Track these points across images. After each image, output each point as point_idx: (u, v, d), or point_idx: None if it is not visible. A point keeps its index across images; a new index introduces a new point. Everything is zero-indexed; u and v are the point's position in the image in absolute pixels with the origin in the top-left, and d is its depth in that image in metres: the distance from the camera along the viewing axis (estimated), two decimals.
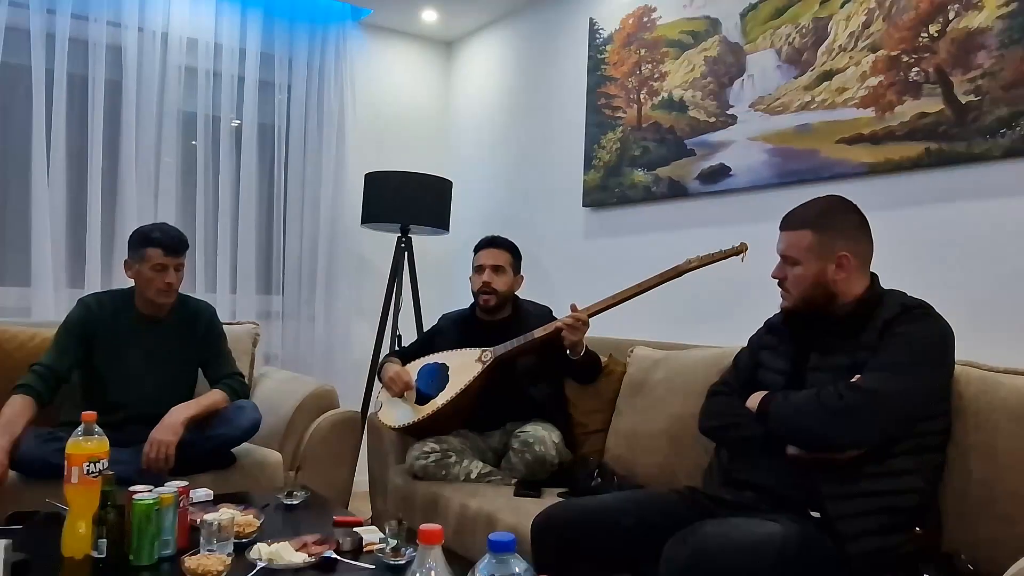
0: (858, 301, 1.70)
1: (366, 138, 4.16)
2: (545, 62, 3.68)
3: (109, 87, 3.42)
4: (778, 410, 1.64)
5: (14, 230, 3.24)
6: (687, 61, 2.89)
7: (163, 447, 2.24)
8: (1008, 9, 1.97)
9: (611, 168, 3.20)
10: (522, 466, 2.36)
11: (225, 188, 3.69)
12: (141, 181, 3.46)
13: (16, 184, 3.25)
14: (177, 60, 3.55)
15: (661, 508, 1.70)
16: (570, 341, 2.41)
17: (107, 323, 2.48)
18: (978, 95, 2.03)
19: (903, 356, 1.56)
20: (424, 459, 2.43)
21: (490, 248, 2.67)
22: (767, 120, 2.59)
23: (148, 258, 2.41)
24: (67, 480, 1.64)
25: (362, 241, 4.12)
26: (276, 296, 3.90)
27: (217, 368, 2.63)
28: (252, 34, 3.75)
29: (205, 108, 3.65)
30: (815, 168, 2.43)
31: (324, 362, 3.92)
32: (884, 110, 2.25)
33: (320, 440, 2.73)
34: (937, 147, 2.12)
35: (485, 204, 4.07)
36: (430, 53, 4.38)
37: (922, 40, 2.17)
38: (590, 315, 2.41)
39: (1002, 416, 1.58)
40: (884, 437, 1.54)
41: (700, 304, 2.83)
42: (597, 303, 2.43)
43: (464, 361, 2.53)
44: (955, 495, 1.61)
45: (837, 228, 1.72)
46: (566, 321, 2.39)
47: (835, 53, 2.39)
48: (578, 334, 2.40)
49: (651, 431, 2.32)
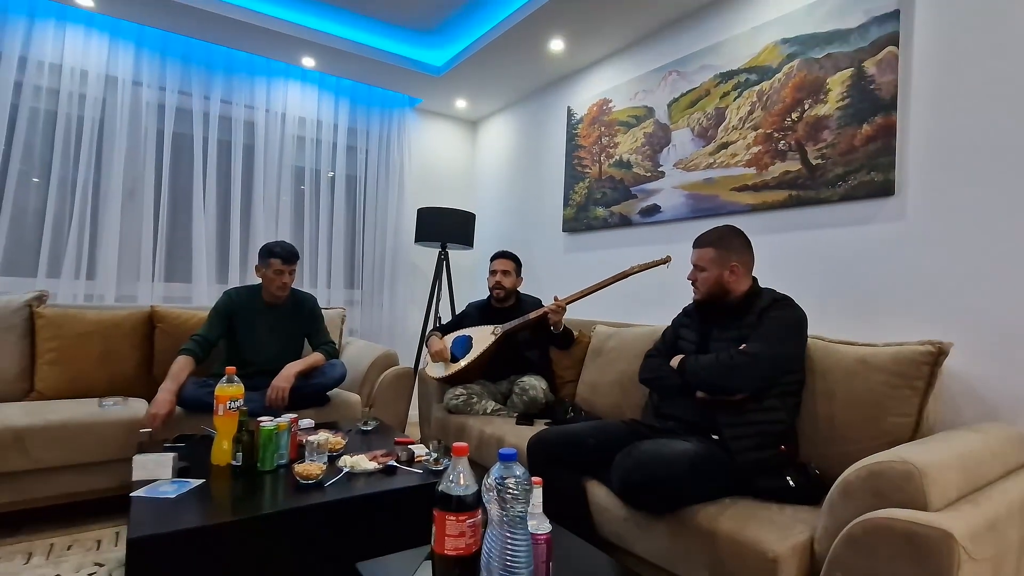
0: (745, 295, 1.72)
1: (418, 184, 4.16)
2: (538, 135, 3.68)
3: (245, 150, 3.43)
4: (691, 367, 1.66)
5: (181, 245, 3.26)
6: (632, 135, 2.88)
7: (280, 391, 2.26)
8: (843, 103, 1.98)
9: (581, 206, 3.20)
10: (521, 405, 2.37)
11: (323, 218, 3.69)
12: (267, 212, 3.48)
13: (183, 213, 3.26)
14: (292, 131, 3.56)
15: (613, 433, 1.72)
16: (553, 321, 2.42)
17: (242, 307, 2.49)
18: (824, 159, 2.03)
19: (773, 332, 1.58)
20: (456, 400, 2.45)
21: (500, 258, 2.67)
22: (685, 175, 2.58)
23: (271, 265, 2.43)
24: (216, 413, 1.66)
25: (415, 254, 4.13)
26: (357, 290, 3.90)
27: (317, 338, 2.63)
28: (342, 114, 3.76)
29: (310, 164, 3.66)
30: (716, 207, 2.43)
31: (388, 335, 3.92)
32: (762, 169, 2.25)
33: (386, 386, 2.73)
34: (797, 194, 2.12)
35: (497, 230, 4.08)
36: (461, 128, 4.39)
37: (787, 123, 2.16)
38: (567, 303, 2.42)
39: (837, 372, 1.59)
40: (760, 385, 1.56)
41: (640, 296, 2.84)
42: (571, 295, 2.44)
43: (483, 334, 2.54)
44: (809, 424, 1.62)
45: (730, 246, 1.73)
46: (551, 307, 2.39)
47: (729, 131, 2.38)
48: (558, 316, 2.41)
49: (607, 381, 2.32)
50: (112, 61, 3.01)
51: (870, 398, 1.50)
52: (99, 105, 2.98)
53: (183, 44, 3.19)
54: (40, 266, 2.83)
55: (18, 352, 2.36)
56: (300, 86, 3.58)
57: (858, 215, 1.96)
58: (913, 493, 1.06)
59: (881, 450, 1.42)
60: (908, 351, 1.47)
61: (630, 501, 1.46)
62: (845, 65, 1.98)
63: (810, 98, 2.09)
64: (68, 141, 2.90)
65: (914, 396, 1.44)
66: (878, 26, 1.89)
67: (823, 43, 2.05)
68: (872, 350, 1.56)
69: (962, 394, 1.64)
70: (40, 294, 2.49)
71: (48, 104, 2.88)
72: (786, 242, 2.19)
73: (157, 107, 3.15)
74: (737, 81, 2.36)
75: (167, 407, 2.07)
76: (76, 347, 2.42)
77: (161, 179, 3.15)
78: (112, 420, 2.08)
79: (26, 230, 2.85)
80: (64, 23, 2.88)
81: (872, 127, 1.89)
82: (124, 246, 3.06)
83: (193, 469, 1.60)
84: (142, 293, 3.09)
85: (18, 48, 2.77)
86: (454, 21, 3.14)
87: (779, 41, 2.20)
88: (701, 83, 2.52)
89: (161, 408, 2.05)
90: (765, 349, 1.54)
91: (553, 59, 3.20)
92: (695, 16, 2.62)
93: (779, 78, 2.20)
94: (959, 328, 1.68)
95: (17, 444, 1.91)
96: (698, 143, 2.53)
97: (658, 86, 2.74)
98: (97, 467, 2.07)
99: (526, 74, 3.42)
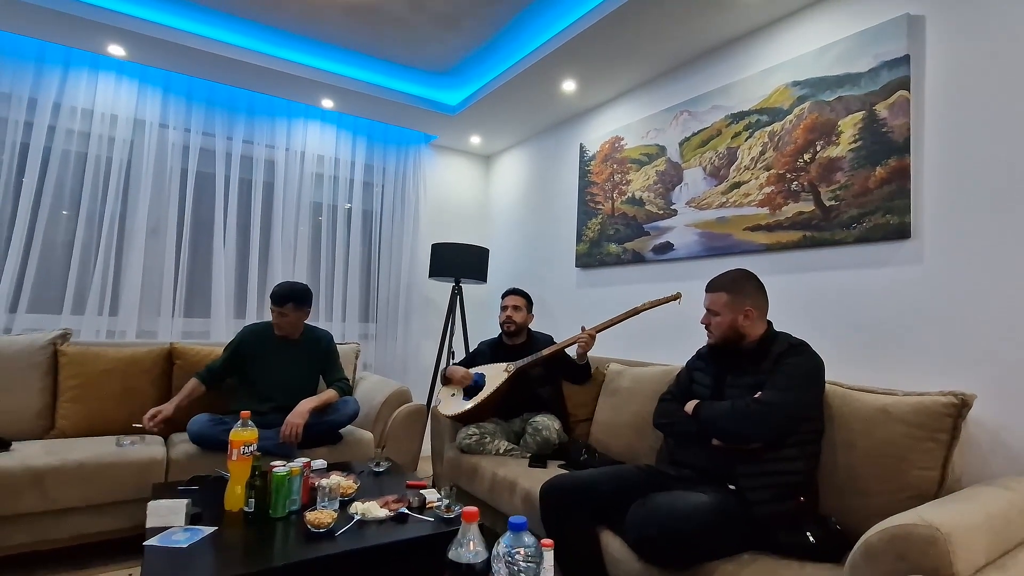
0: (759, 340, 1.70)
1: (432, 220, 4.21)
2: (551, 171, 3.72)
3: (265, 187, 3.51)
4: (705, 414, 1.64)
5: (201, 281, 3.31)
6: (644, 173, 2.90)
7: (294, 427, 2.27)
8: (856, 145, 1.98)
9: (594, 242, 3.20)
10: (534, 445, 2.34)
11: (340, 252, 3.74)
12: (284, 247, 3.54)
13: (203, 250, 3.33)
14: (310, 169, 3.64)
15: (627, 480, 1.69)
16: (581, 352, 2.43)
17: (256, 343, 2.54)
18: (837, 200, 2.02)
19: (788, 380, 1.55)
20: (468, 439, 2.42)
21: (511, 295, 2.68)
22: (697, 213, 2.58)
23: (271, 305, 2.49)
24: (229, 457, 1.66)
25: (429, 288, 4.15)
26: (372, 323, 3.92)
27: (331, 374, 2.64)
28: (359, 152, 3.83)
29: (328, 199, 3.73)
30: (730, 246, 2.41)
31: (402, 369, 3.91)
32: (775, 209, 2.24)
33: (399, 424, 2.71)
34: (811, 235, 2.11)
35: (511, 265, 4.09)
36: (475, 164, 4.44)
37: (799, 163, 2.16)
38: (598, 331, 2.42)
39: (857, 421, 1.55)
40: (776, 435, 1.52)
41: (652, 332, 2.82)
42: (599, 324, 2.42)
43: (495, 371, 2.53)
44: (829, 476, 1.58)
45: (744, 290, 1.72)
46: (582, 337, 2.40)
47: (742, 170, 2.39)
48: (588, 347, 2.42)
49: (621, 422, 2.29)
50: (141, 105, 3.13)
51: (892, 450, 1.45)
52: (127, 147, 3.09)
53: (208, 88, 3.31)
54: (66, 303, 2.90)
55: (41, 389, 2.40)
56: (319, 126, 3.68)
57: (874, 257, 1.93)
58: (938, 559, 1.02)
59: (905, 504, 1.39)
60: (930, 402, 1.43)
61: (645, 556, 1.42)
62: (856, 108, 1.98)
63: (822, 140, 2.09)
64: (97, 181, 3.01)
65: (938, 449, 1.39)
66: (888, 70, 1.90)
67: (834, 86, 2.06)
68: (893, 399, 1.52)
69: (988, 443, 1.59)
70: (64, 332, 2.55)
71: (79, 146, 2.99)
72: (800, 283, 2.16)
73: (182, 148, 3.25)
74: (748, 122, 2.38)
75: (168, 411, 2.30)
76: (97, 384, 2.46)
77: (183, 216, 3.23)
78: (129, 460, 2.10)
79: (53, 268, 2.93)
80: (97, 71, 3.01)
81: (886, 170, 1.88)
82: (146, 282, 3.13)
83: (206, 515, 1.61)
84: (162, 328, 3.14)
85: (53, 95, 2.90)
86: (468, 63, 3.22)
87: (790, 83, 2.22)
88: (712, 123, 2.54)
89: (163, 410, 2.28)
90: (781, 398, 1.51)
91: (565, 98, 3.25)
92: (704, 58, 2.65)
93: (790, 119, 2.21)
94: (982, 375, 1.63)
95: (36, 485, 1.93)
96: (710, 182, 2.53)
97: (669, 125, 2.77)
98: (112, 507, 2.08)
99: (539, 112, 3.47)
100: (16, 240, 2.77)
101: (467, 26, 2.83)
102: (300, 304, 2.53)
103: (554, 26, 2.72)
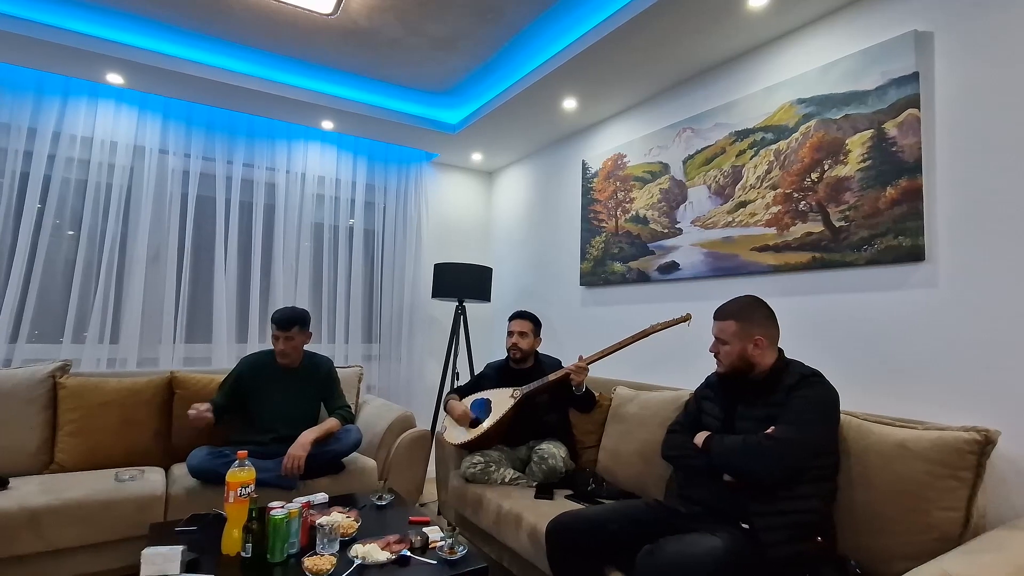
0: (770, 369, 1.64)
1: (435, 239, 4.18)
2: (553, 188, 3.68)
3: (266, 210, 3.49)
4: (716, 448, 1.58)
5: (202, 306, 3.29)
6: (648, 191, 2.85)
7: (296, 460, 2.24)
8: (865, 164, 1.93)
9: (598, 260, 3.16)
10: (540, 474, 2.28)
11: (342, 273, 3.71)
12: (286, 270, 3.51)
13: (204, 274, 3.31)
14: (311, 190, 3.61)
15: (636, 517, 1.64)
16: (576, 381, 2.36)
17: (256, 373, 2.50)
18: (847, 221, 1.97)
19: (802, 414, 1.49)
20: (473, 468, 2.37)
21: (518, 319, 2.62)
22: (703, 232, 2.53)
23: (272, 331, 2.44)
24: (226, 500, 1.63)
25: (432, 308, 4.11)
26: (375, 344, 3.88)
27: (332, 402, 2.60)
28: (360, 171, 3.81)
29: (329, 219, 3.70)
30: (736, 267, 2.36)
31: (407, 390, 3.87)
32: (782, 229, 2.19)
33: (403, 451, 2.67)
34: (820, 256, 2.05)
35: (515, 283, 4.05)
36: (477, 181, 4.41)
37: (806, 183, 2.12)
38: (589, 363, 2.36)
39: (874, 456, 1.50)
40: (789, 472, 1.46)
41: (659, 354, 2.77)
42: (594, 354, 2.37)
43: (502, 397, 2.48)
44: (846, 514, 1.52)
45: (753, 318, 1.67)
46: (573, 367, 2.34)
47: (747, 189, 2.34)
48: (581, 376, 2.35)
49: (628, 450, 2.23)
50: (140, 132, 3.12)
51: (912, 488, 1.39)
52: (127, 173, 3.08)
53: (207, 113, 3.30)
54: (66, 332, 2.88)
55: (40, 423, 2.37)
56: (319, 146, 3.66)
57: (886, 280, 1.88)
58: None
59: (928, 547, 1.33)
60: (951, 438, 1.37)
61: None
62: (864, 127, 1.94)
63: (829, 159, 2.04)
64: (97, 207, 2.99)
65: (961, 488, 1.33)
66: (896, 88, 1.85)
67: (840, 104, 2.02)
68: (912, 434, 1.46)
69: (1013, 480, 1.52)
70: (63, 364, 2.52)
71: (79, 174, 2.98)
72: (810, 305, 2.11)
73: (182, 173, 3.24)
74: (753, 140, 2.33)
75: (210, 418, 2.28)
76: (96, 417, 2.43)
77: (184, 241, 3.21)
78: (128, 497, 2.06)
79: (54, 297, 2.91)
80: (96, 99, 3.01)
81: (897, 190, 1.83)
82: (147, 309, 3.10)
83: (203, 560, 1.56)
84: (163, 355, 3.12)
85: (52, 124, 2.89)
86: (467, 83, 3.19)
87: (794, 101, 2.18)
88: (716, 140, 2.50)
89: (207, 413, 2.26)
90: (795, 434, 1.46)
91: (566, 116, 3.22)
92: (706, 75, 2.61)
93: (796, 137, 2.16)
94: (1004, 406, 1.57)
95: (32, 525, 1.90)
96: (715, 201, 2.48)
97: (672, 142, 2.73)
98: (111, 546, 2.05)
99: (540, 129, 3.44)
100: (16, 269, 2.76)
101: (464, 48, 2.80)
102: (304, 327, 2.51)
103: (553, 45, 2.69)
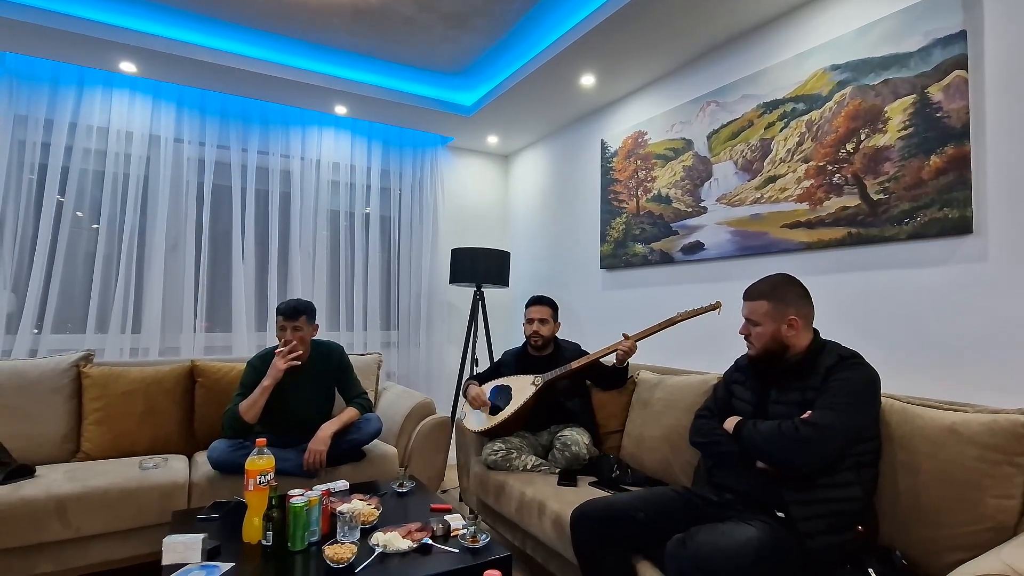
0: (805, 351, 1.55)
1: (451, 224, 4.13)
2: (571, 169, 3.59)
3: (282, 197, 3.47)
4: (749, 435, 1.50)
5: (222, 295, 3.30)
6: (671, 168, 2.75)
7: (318, 455, 2.21)
8: (906, 132, 1.81)
9: (619, 242, 3.08)
10: (563, 460, 2.23)
11: (358, 260, 3.69)
12: (303, 257, 3.49)
13: (222, 263, 3.31)
14: (327, 177, 3.58)
15: (664, 505, 1.57)
16: (623, 358, 2.29)
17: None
18: (886, 194, 1.85)
19: (841, 397, 1.41)
20: (494, 455, 2.33)
21: (537, 305, 2.54)
22: (729, 210, 2.42)
23: (278, 322, 2.37)
24: (246, 488, 1.61)
25: (450, 294, 4.07)
26: (393, 331, 3.86)
27: (348, 390, 2.52)
28: (375, 157, 3.76)
29: (345, 206, 3.67)
30: (766, 245, 2.26)
31: (426, 376, 3.85)
32: (815, 204, 2.08)
33: (423, 437, 2.65)
34: (856, 231, 1.94)
35: (533, 268, 3.98)
36: (493, 164, 4.34)
37: (841, 154, 2.00)
38: (638, 339, 2.28)
39: (920, 441, 1.40)
40: (828, 459, 1.38)
41: (684, 338, 2.68)
42: (640, 332, 2.29)
43: (522, 384, 2.43)
44: (889, 502, 1.44)
45: (786, 298, 1.57)
46: (624, 345, 2.27)
47: (777, 163, 2.22)
48: (630, 354, 2.29)
49: (653, 436, 2.16)
50: (155, 121, 3.10)
51: (963, 475, 1.30)
52: (143, 163, 3.07)
53: (221, 100, 3.27)
54: (89, 322, 2.90)
55: (65, 413, 2.39)
56: (334, 132, 3.61)
57: (930, 255, 1.76)
58: None
59: (981, 538, 1.25)
60: (1006, 421, 1.27)
61: None
62: (905, 92, 1.81)
63: (867, 127, 1.92)
64: (115, 198, 3.00)
65: (1018, 475, 1.24)
66: (942, 49, 1.72)
67: (879, 68, 1.89)
68: (961, 416, 1.36)
69: None
70: (87, 353, 2.53)
71: (96, 164, 2.98)
72: (846, 283, 2.00)
73: (197, 162, 3.22)
74: (783, 111, 2.21)
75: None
76: (120, 405, 2.44)
77: (202, 230, 3.21)
78: (152, 485, 2.06)
79: (75, 288, 2.93)
80: (110, 89, 2.99)
81: (942, 158, 1.71)
82: (168, 299, 3.11)
83: (224, 548, 1.55)
84: (184, 344, 3.13)
85: (68, 115, 2.89)
86: (481, 63, 3.10)
87: (828, 67, 2.05)
88: (743, 113, 2.38)
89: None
90: (835, 420, 1.37)
91: (584, 93, 3.11)
92: (731, 45, 2.49)
93: (830, 107, 2.04)
94: None
95: (58, 513, 1.91)
96: (742, 176, 2.37)
97: (696, 117, 2.61)
98: (136, 533, 2.05)
99: (557, 108, 3.34)
100: (39, 261, 2.78)
101: (478, 24, 2.71)
102: (311, 318, 2.44)
103: (569, 20, 2.58)
